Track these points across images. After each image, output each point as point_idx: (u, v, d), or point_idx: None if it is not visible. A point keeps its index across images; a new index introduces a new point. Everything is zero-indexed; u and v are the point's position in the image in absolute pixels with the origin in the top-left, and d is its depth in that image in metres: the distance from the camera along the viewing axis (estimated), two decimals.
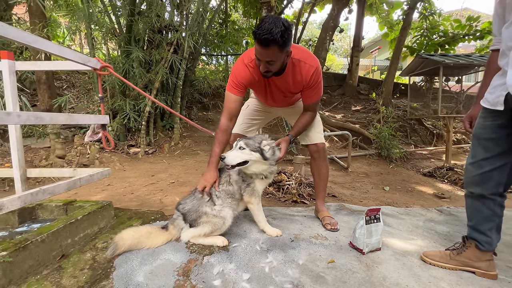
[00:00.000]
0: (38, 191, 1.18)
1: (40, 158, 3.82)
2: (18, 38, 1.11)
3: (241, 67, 1.61)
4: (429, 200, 3.27)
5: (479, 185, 1.29)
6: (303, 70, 1.58)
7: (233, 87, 1.64)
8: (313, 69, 1.59)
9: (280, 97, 1.80)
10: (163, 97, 4.94)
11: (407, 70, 5.31)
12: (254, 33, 1.36)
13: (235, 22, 8.97)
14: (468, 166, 1.34)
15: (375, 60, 14.28)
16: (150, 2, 4.51)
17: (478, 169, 1.28)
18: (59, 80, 6.64)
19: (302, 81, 1.62)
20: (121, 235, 1.30)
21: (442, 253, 1.43)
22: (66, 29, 6.04)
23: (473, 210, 1.35)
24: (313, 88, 1.67)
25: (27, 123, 1.14)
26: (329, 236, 1.68)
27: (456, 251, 1.40)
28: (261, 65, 1.48)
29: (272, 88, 1.71)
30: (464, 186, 1.38)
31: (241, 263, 1.32)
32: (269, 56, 1.40)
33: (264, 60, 1.43)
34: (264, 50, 1.38)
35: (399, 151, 4.73)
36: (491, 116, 1.22)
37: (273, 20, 1.33)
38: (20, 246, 1.10)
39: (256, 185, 1.57)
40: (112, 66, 1.68)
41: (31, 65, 1.63)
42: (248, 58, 1.59)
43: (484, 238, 1.32)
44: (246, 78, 1.62)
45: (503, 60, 1.14)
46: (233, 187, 1.54)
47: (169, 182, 3.37)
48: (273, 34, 1.30)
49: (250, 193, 1.55)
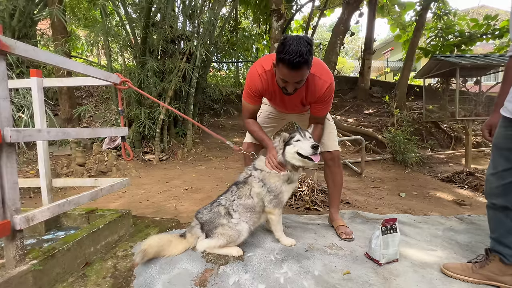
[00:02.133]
0: (65, 202, 1.25)
1: (62, 166, 4.01)
2: (48, 61, 1.19)
3: (255, 78, 1.62)
4: (449, 207, 3.15)
5: (502, 196, 1.24)
6: (318, 85, 1.59)
7: (249, 97, 1.69)
8: (327, 85, 1.60)
9: (292, 106, 1.82)
10: (176, 105, 5.07)
11: (421, 72, 5.18)
12: (281, 59, 1.33)
13: (245, 29, 9.11)
14: (489, 177, 1.30)
15: (387, 61, 14.01)
16: (164, 14, 4.68)
17: (500, 180, 1.24)
18: (79, 90, 6.96)
19: (315, 94, 1.62)
20: (149, 242, 1.34)
21: (464, 265, 1.39)
22: (85, 42, 6.35)
23: (496, 222, 1.30)
24: (324, 103, 1.67)
25: (56, 138, 1.22)
26: (344, 246, 1.67)
27: (479, 264, 1.35)
28: (288, 87, 1.47)
29: (284, 97, 1.72)
30: (486, 197, 1.34)
31: (256, 273, 1.34)
32: (299, 77, 1.41)
33: (293, 82, 1.44)
34: (294, 72, 1.37)
35: (415, 156, 4.60)
36: (508, 123, 1.18)
37: (296, 40, 1.31)
38: (49, 255, 1.17)
39: (284, 195, 1.56)
40: (130, 80, 1.76)
41: (58, 81, 1.74)
42: (261, 68, 1.60)
43: (509, 251, 1.27)
44: (260, 89, 1.64)
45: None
46: (253, 200, 1.52)
47: (183, 188, 3.44)
48: (303, 55, 1.30)
49: (275, 205, 1.53)
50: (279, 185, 1.52)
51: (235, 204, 1.49)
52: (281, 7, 4.43)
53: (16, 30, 4.94)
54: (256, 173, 1.57)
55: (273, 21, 4.72)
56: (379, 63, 15.76)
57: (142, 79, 4.52)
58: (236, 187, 1.56)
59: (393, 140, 4.71)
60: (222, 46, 7.51)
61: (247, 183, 1.55)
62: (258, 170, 1.59)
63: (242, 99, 1.75)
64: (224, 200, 1.52)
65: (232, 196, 1.52)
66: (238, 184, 1.57)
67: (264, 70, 1.59)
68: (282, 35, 4.95)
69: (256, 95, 1.66)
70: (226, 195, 1.55)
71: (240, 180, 1.59)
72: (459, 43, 6.19)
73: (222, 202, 1.51)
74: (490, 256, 1.33)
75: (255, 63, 1.68)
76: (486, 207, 1.36)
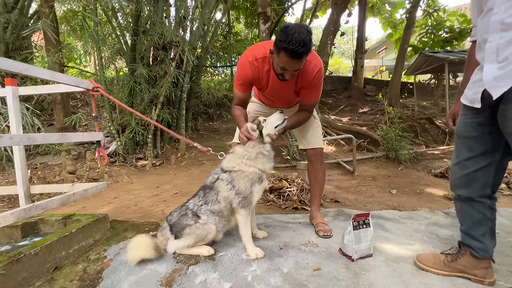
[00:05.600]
0: (31, 207, 1.27)
1: (54, 174, 4.05)
2: (12, 68, 1.21)
3: (246, 65, 1.61)
4: (439, 202, 3.12)
5: (465, 187, 1.22)
6: (308, 68, 1.58)
7: (239, 85, 1.68)
8: (317, 69, 1.59)
9: (284, 95, 1.78)
10: (168, 110, 5.10)
11: (411, 69, 5.19)
12: (284, 48, 1.31)
13: (238, 33, 9.20)
14: (453, 167, 1.27)
15: (382, 60, 14.01)
16: (153, 22, 4.75)
17: (463, 170, 1.21)
18: (74, 99, 7.04)
19: (306, 78, 1.61)
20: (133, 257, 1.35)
21: (436, 257, 1.35)
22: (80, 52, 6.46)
23: (463, 214, 1.28)
24: (314, 89, 1.65)
25: (20, 144, 1.23)
26: (320, 243, 1.65)
27: (451, 257, 1.32)
28: (286, 74, 1.47)
29: (275, 84, 1.67)
30: (451, 189, 1.32)
31: (225, 272, 1.33)
32: (299, 65, 1.42)
33: (292, 70, 1.44)
34: (296, 61, 1.37)
35: (408, 152, 4.57)
36: (470, 113, 1.15)
37: (299, 29, 1.31)
38: (14, 259, 1.18)
39: (254, 196, 1.52)
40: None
41: (33, 89, 1.77)
42: (252, 56, 1.59)
43: (478, 244, 1.24)
44: (250, 76, 1.62)
45: (479, 54, 1.07)
46: (220, 205, 1.48)
47: (173, 193, 3.45)
48: (306, 45, 1.30)
49: (244, 205, 1.48)
50: (249, 185, 1.49)
51: (202, 208, 1.46)
52: (267, 10, 4.48)
53: (9, 43, 5.03)
54: (225, 176, 1.52)
55: (260, 23, 4.77)
56: (374, 62, 15.77)
57: (132, 86, 4.56)
58: (203, 192, 1.52)
59: (385, 138, 4.70)
60: (215, 51, 7.59)
61: (213, 188, 1.51)
62: (226, 172, 1.53)
63: (233, 87, 1.76)
64: (192, 204, 1.50)
65: (199, 201, 1.49)
66: (205, 189, 1.53)
67: (255, 58, 1.59)
68: (269, 37, 5.00)
69: (246, 83, 1.65)
70: (194, 199, 1.52)
71: (207, 184, 1.56)
72: (450, 39, 6.19)
73: (190, 206, 1.49)
74: (462, 249, 1.30)
75: (245, 52, 1.67)
76: (453, 200, 1.34)
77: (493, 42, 0.96)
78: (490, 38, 0.97)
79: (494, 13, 0.95)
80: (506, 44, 0.92)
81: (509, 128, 1.00)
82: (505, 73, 0.92)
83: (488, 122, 1.10)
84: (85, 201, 3.34)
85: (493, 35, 0.96)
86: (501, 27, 0.93)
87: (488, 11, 0.98)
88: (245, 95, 1.73)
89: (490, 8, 0.97)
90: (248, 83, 1.66)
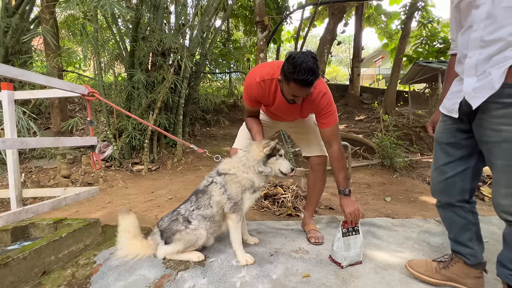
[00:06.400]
0: (22, 210, 1.27)
1: (49, 178, 4.03)
2: (6, 73, 1.24)
3: (253, 85, 1.65)
4: (432, 210, 3.13)
5: (444, 192, 1.25)
6: (313, 94, 1.60)
7: (248, 100, 1.74)
8: (321, 94, 1.61)
9: (287, 112, 1.80)
10: (165, 116, 5.13)
11: (406, 78, 5.28)
12: (294, 79, 1.36)
13: (238, 41, 9.33)
14: (432, 173, 1.30)
15: (379, 69, 14.23)
16: (152, 28, 4.82)
17: (441, 175, 1.24)
18: (72, 103, 7.05)
19: (312, 105, 1.64)
20: None
21: (428, 264, 1.35)
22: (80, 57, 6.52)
23: (448, 221, 1.30)
24: (325, 113, 1.65)
25: (12, 148, 1.25)
26: (311, 250, 1.66)
27: (443, 264, 1.33)
28: (297, 100, 1.51)
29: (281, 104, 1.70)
30: (432, 195, 1.34)
31: (214, 278, 1.33)
32: (310, 90, 1.45)
33: (303, 96, 1.48)
34: (307, 89, 1.41)
35: (403, 160, 4.61)
36: (449, 119, 1.19)
37: (305, 58, 1.33)
38: (1, 263, 1.17)
39: (244, 203, 1.54)
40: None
41: (29, 94, 1.79)
42: (260, 77, 1.62)
43: (468, 250, 1.25)
44: (256, 95, 1.68)
45: (459, 67, 1.11)
46: (212, 209, 1.49)
47: (167, 198, 3.44)
48: (315, 72, 1.34)
49: (234, 210, 1.50)
50: (240, 191, 1.50)
51: (194, 214, 1.47)
52: (265, 19, 4.57)
53: (9, 47, 5.07)
54: (219, 179, 1.53)
55: (258, 32, 4.86)
56: (372, 70, 16.01)
57: (130, 91, 4.60)
58: (196, 196, 1.53)
59: (381, 145, 4.74)
60: (214, 58, 7.68)
61: (206, 192, 1.52)
62: (222, 175, 1.56)
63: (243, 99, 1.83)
64: (184, 209, 1.50)
65: (191, 206, 1.50)
66: (198, 193, 1.54)
67: (262, 79, 1.62)
68: (266, 45, 5.08)
69: (253, 100, 1.72)
70: (186, 205, 1.52)
71: (200, 188, 1.56)
72: (444, 49, 6.32)
73: (181, 211, 1.49)
74: (455, 258, 1.31)
75: (251, 71, 1.73)
76: (435, 207, 1.36)
77: (472, 58, 1.00)
78: (470, 53, 1.01)
79: (473, 30, 0.99)
80: (484, 60, 0.96)
81: (483, 137, 1.03)
82: (483, 84, 0.96)
83: (466, 129, 1.14)
84: (78, 205, 3.32)
85: (472, 51, 1.00)
86: (480, 44, 0.97)
87: (468, 28, 1.02)
88: (255, 108, 1.80)
89: (470, 25, 1.01)
90: (255, 100, 1.72)
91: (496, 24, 0.92)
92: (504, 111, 0.93)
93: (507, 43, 0.90)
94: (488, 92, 0.94)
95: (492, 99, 0.94)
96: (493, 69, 0.93)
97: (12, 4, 5.23)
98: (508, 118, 0.93)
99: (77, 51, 6.40)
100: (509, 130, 0.93)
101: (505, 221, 1.04)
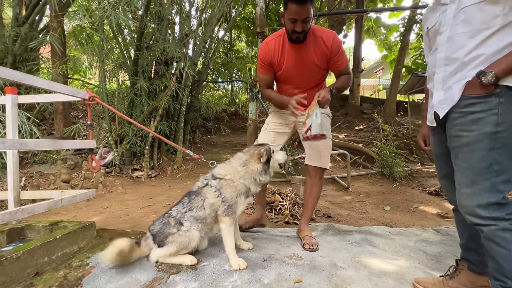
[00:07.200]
0: (18, 210, 1.29)
1: (49, 183, 4.06)
2: (9, 77, 1.29)
3: (263, 46, 1.87)
4: (431, 220, 3.10)
5: (454, 200, 1.27)
6: (324, 37, 1.76)
7: (261, 67, 1.90)
8: (332, 35, 1.78)
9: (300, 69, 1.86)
10: (166, 123, 5.19)
11: (404, 88, 5.34)
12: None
13: (240, 51, 9.53)
14: (439, 181, 1.39)
15: (380, 79, 14.38)
16: (156, 38, 4.96)
17: (445, 185, 1.32)
18: (76, 110, 7.17)
19: (325, 50, 1.77)
20: None
21: (435, 280, 1.34)
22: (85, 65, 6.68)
23: (461, 224, 1.32)
24: (338, 57, 1.80)
25: (12, 149, 1.28)
26: (305, 256, 1.64)
27: (449, 276, 1.33)
28: (297, 27, 1.63)
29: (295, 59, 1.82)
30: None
31: (206, 282, 1.32)
32: (306, 13, 1.58)
33: (301, 19, 1.60)
34: (301, 8, 1.56)
35: (403, 170, 4.59)
36: (433, 132, 1.31)
37: None
38: None
39: (238, 207, 1.54)
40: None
41: (31, 98, 1.84)
42: (269, 39, 1.86)
43: (476, 256, 1.26)
44: (269, 53, 1.84)
45: (430, 83, 1.27)
46: (204, 211, 1.49)
47: (165, 204, 3.44)
48: None
49: (228, 213, 1.50)
50: (235, 195, 1.51)
51: (186, 216, 1.47)
52: (265, 30, 4.68)
53: (17, 55, 5.23)
54: (214, 182, 1.54)
55: (259, 43, 4.96)
56: (372, 81, 16.17)
57: (132, 98, 4.68)
58: (188, 198, 1.53)
59: (381, 155, 4.74)
60: (216, 67, 7.84)
61: (200, 194, 1.52)
62: (217, 179, 1.56)
63: (258, 72, 2.02)
64: (175, 211, 1.50)
65: (183, 208, 1.50)
66: (191, 195, 1.55)
67: (271, 38, 1.85)
68: None
69: (266, 63, 1.87)
70: (178, 206, 1.53)
71: (194, 190, 1.57)
72: None
73: (173, 214, 1.49)
74: (460, 265, 1.32)
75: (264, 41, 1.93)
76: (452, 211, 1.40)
77: (439, 74, 1.17)
78: (437, 70, 1.18)
79: (439, 52, 1.17)
80: (449, 76, 1.13)
81: (451, 143, 1.15)
82: (446, 98, 1.13)
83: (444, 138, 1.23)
84: (76, 210, 3.33)
85: (439, 68, 1.17)
86: (445, 62, 1.14)
87: (435, 50, 1.20)
88: (269, 77, 1.95)
89: (436, 48, 1.19)
90: (267, 63, 1.86)
91: (454, 46, 1.10)
92: (463, 119, 1.07)
93: (462, 62, 1.08)
94: (450, 104, 1.10)
95: (453, 109, 1.10)
96: (454, 85, 1.10)
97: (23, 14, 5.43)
98: (466, 125, 1.06)
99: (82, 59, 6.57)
100: (468, 136, 1.05)
101: (473, 224, 1.08)
